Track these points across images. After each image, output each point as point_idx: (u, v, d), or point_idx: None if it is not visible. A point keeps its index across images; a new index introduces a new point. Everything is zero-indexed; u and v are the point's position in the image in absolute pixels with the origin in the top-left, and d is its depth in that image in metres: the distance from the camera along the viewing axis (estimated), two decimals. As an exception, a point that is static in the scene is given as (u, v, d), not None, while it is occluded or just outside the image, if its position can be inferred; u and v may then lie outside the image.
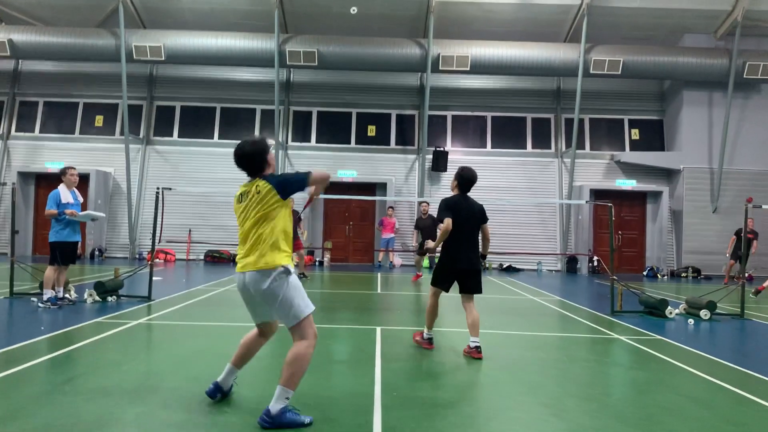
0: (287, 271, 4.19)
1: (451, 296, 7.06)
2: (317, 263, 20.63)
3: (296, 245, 14.83)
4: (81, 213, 9.28)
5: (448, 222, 6.51)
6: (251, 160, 4.32)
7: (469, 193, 7.02)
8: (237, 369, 4.66)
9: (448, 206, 6.66)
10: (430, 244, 7.26)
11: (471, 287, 6.62)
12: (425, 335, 6.89)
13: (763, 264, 19.66)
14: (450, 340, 7.53)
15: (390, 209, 19.53)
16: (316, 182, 4.33)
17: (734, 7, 19.28)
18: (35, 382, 4.97)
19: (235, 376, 4.69)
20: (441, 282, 6.74)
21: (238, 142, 4.44)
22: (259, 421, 4.05)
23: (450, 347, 7.01)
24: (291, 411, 4.09)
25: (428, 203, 15.70)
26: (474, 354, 6.31)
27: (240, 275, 4.27)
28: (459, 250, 6.57)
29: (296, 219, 14.75)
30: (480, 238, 6.84)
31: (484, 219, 6.82)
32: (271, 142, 21.21)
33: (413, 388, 5.08)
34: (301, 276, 14.37)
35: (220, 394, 4.56)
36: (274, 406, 4.04)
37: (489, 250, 7.09)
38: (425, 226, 15.07)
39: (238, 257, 4.33)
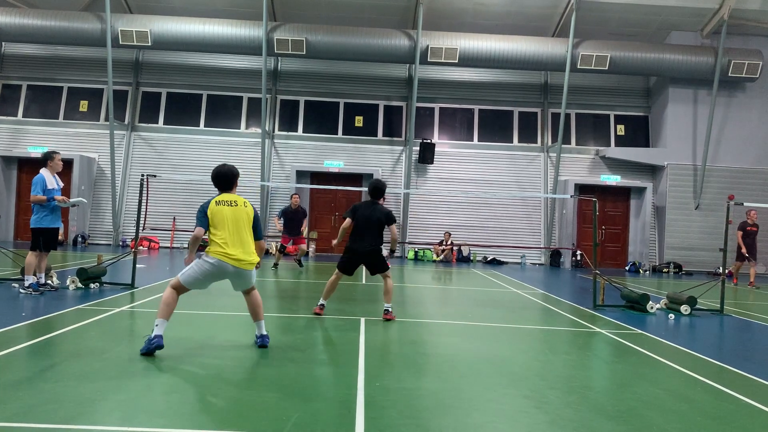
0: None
1: (433, 288, 7.08)
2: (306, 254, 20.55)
3: (299, 240, 15.06)
4: (71, 200, 9.22)
5: (346, 221, 8.21)
6: (234, 179, 6.24)
7: (378, 199, 8.50)
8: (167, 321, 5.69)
9: (353, 209, 8.31)
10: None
11: (373, 269, 8.34)
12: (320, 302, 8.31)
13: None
14: (433, 332, 7.57)
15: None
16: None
17: (721, 6, 19.42)
18: (16, 369, 4.93)
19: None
20: (343, 267, 8.25)
21: (222, 129, 4.98)
22: (263, 343, 5.92)
23: (433, 339, 7.04)
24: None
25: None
26: (386, 315, 7.98)
27: (230, 266, 5.74)
28: (355, 242, 8.18)
29: (302, 216, 14.79)
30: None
31: (389, 221, 8.31)
32: (257, 130, 21.13)
33: (396, 379, 5.10)
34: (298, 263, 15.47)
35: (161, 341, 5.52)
36: (264, 331, 6.01)
37: (469, 242, 8.03)
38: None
39: (233, 255, 5.75)
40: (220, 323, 7.42)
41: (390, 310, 8.08)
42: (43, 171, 8.98)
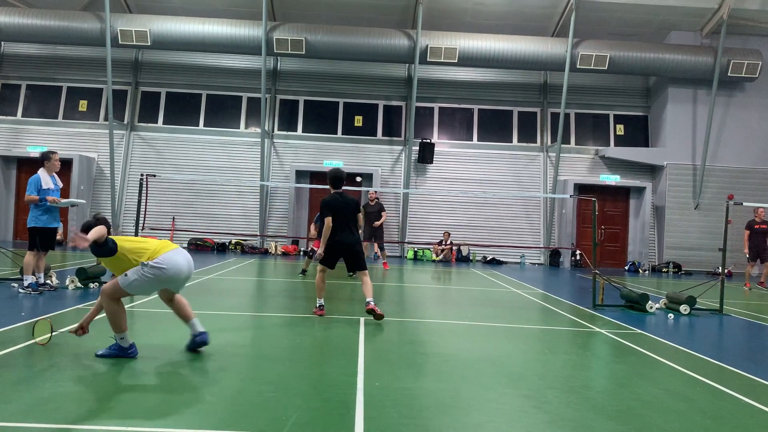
0: None
1: (432, 288, 7.07)
2: (301, 253, 20.59)
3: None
4: (63, 200, 9.20)
5: (328, 220, 8.01)
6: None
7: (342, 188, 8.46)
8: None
9: (327, 206, 8.07)
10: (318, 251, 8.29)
11: (354, 265, 8.28)
12: (318, 303, 8.15)
13: (743, 260, 19.91)
14: (432, 331, 7.57)
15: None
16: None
17: (720, 6, 19.43)
18: (15, 368, 4.93)
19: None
20: (327, 260, 8.14)
21: (222, 129, 4.88)
22: (203, 340, 5.67)
23: (432, 338, 7.04)
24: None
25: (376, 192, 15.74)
26: (369, 306, 7.79)
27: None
28: (338, 234, 8.01)
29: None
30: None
31: (358, 210, 8.35)
32: (257, 130, 21.13)
33: (396, 379, 5.10)
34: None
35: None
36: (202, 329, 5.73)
37: (469, 242, 8.01)
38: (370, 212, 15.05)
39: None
40: (219, 323, 7.42)
41: (373, 302, 7.87)
42: (40, 171, 8.97)
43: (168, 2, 20.33)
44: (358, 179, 18.17)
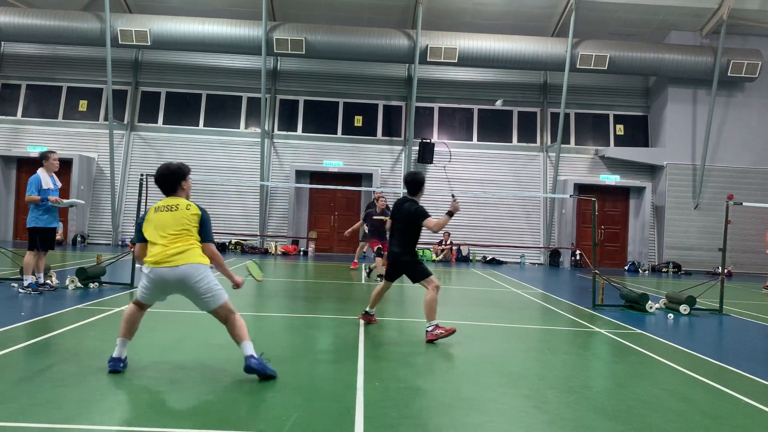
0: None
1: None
2: (302, 253, 20.60)
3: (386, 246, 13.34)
4: (65, 200, 9.20)
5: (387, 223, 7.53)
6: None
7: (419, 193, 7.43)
8: (128, 340, 5.01)
9: (395, 205, 7.44)
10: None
11: (410, 276, 7.17)
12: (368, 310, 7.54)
13: (742, 260, 19.96)
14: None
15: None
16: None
17: (720, 6, 19.42)
18: (15, 368, 4.93)
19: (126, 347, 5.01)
20: (388, 269, 7.34)
21: (222, 129, 4.71)
22: (249, 363, 4.77)
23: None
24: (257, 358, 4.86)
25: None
26: (428, 337, 6.66)
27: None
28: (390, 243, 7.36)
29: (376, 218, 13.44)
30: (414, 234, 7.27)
31: (412, 217, 7.07)
32: (257, 129, 21.12)
33: (396, 378, 5.10)
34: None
35: (122, 364, 4.89)
36: (251, 351, 4.84)
37: (469, 242, 7.77)
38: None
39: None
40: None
41: (429, 329, 6.68)
42: (40, 171, 8.96)
43: (168, 2, 20.32)
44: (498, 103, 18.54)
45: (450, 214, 7.03)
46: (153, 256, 4.78)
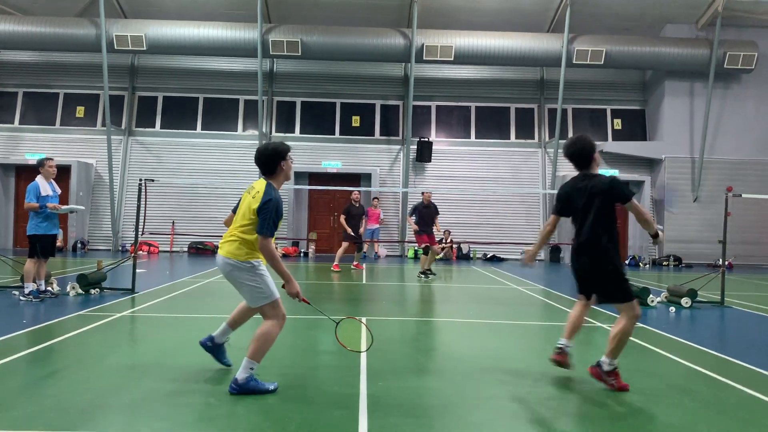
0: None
1: (433, 286, 7.07)
2: (302, 254, 20.60)
3: (432, 240, 13.81)
4: (63, 207, 9.20)
5: (550, 219, 5.42)
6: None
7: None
8: (231, 329, 5.18)
9: (557, 198, 5.39)
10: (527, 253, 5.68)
11: (598, 294, 5.10)
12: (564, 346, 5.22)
13: (743, 252, 19.95)
14: (434, 330, 7.57)
15: (375, 200, 19.51)
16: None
17: (715, -2, 19.44)
18: (18, 375, 4.93)
19: (228, 336, 5.22)
20: (578, 282, 5.28)
21: (219, 132, 4.60)
22: (228, 388, 4.50)
23: (434, 337, 7.04)
24: (255, 380, 4.54)
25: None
26: (593, 371, 4.96)
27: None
28: (575, 246, 5.12)
29: (434, 213, 13.82)
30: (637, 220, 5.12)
31: (617, 198, 4.92)
32: (254, 132, 21.10)
33: (399, 378, 5.10)
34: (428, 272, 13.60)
35: (210, 343, 5.15)
36: (241, 375, 4.50)
37: (469, 240, 6.92)
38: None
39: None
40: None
41: (605, 366, 4.93)
42: (38, 178, 8.97)
43: (162, 6, 20.32)
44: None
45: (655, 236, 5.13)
46: None
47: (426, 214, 13.82)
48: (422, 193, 14.29)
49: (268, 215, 4.47)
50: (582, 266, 5.06)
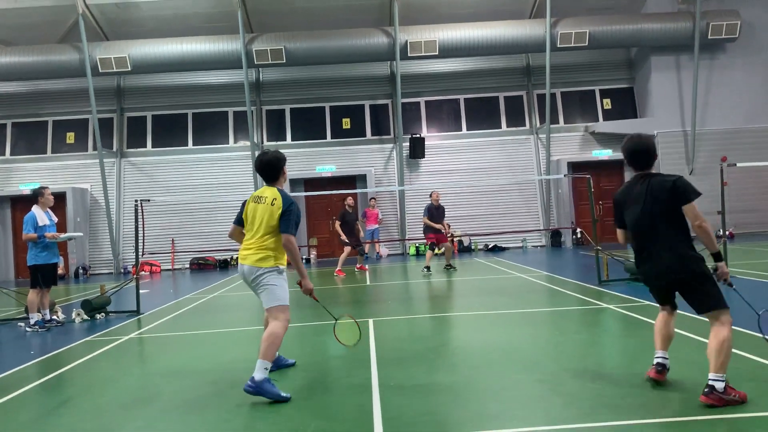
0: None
1: (437, 281, 7.07)
2: (304, 261, 20.56)
3: (442, 238, 14.33)
4: (62, 235, 9.21)
5: (619, 232, 4.88)
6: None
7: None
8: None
9: (614, 203, 4.86)
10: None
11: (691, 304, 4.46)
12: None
13: (743, 220, 19.96)
14: (441, 325, 7.57)
15: (372, 200, 19.54)
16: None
17: (694, -31, 19.44)
18: (30, 408, 4.93)
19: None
20: (653, 294, 4.94)
21: (211, 146, 4.70)
22: (244, 387, 4.64)
23: (442, 332, 7.04)
24: (270, 382, 4.70)
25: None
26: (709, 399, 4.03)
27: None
28: (641, 252, 4.70)
29: (442, 213, 14.40)
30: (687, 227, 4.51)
31: (679, 199, 4.39)
32: (246, 143, 21.09)
33: (410, 376, 5.10)
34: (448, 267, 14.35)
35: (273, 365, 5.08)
36: (258, 375, 4.67)
37: (469, 232, 6.86)
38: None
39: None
40: (230, 338, 7.41)
41: (716, 386, 4.06)
42: (35, 208, 8.97)
43: (144, 25, 20.26)
44: None
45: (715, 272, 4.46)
46: (241, 247, 5.11)
47: (437, 214, 14.36)
48: (431, 194, 14.63)
49: (292, 217, 4.92)
50: (658, 279, 4.67)
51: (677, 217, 4.39)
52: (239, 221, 5.29)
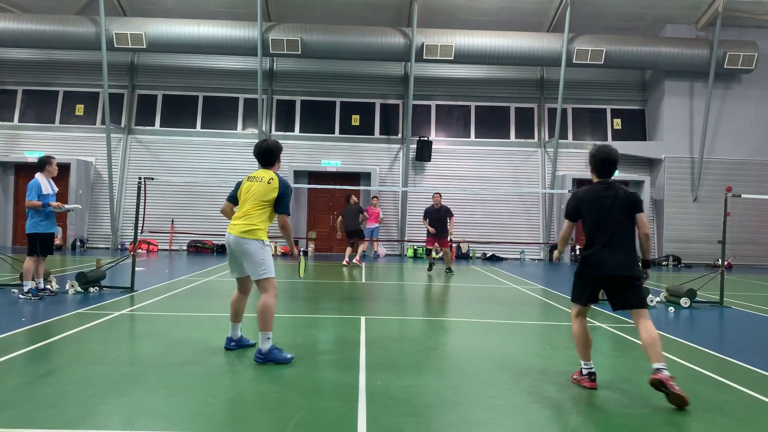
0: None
1: (432, 286, 7.07)
2: (301, 253, 20.55)
3: (444, 243, 14.88)
4: (67, 205, 9.24)
5: (565, 226, 5.32)
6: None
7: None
8: (238, 324, 5.87)
9: (571, 202, 5.30)
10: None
11: (624, 300, 5.03)
12: (583, 370, 5.07)
13: (742, 252, 19.96)
14: (433, 329, 7.57)
15: (374, 199, 19.51)
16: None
17: (715, -2, 19.42)
18: (16, 374, 4.93)
19: (239, 328, 5.92)
20: (578, 294, 5.23)
21: (219, 130, 4.89)
22: (254, 358, 5.30)
23: (433, 336, 7.04)
24: (277, 349, 5.36)
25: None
26: (657, 375, 4.55)
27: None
28: (592, 247, 5.07)
29: (445, 215, 14.69)
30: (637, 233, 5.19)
31: (637, 208, 5.11)
32: (254, 131, 21.11)
33: (398, 377, 5.10)
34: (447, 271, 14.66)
35: (234, 343, 5.85)
36: (264, 346, 5.29)
37: (468, 239, 7.08)
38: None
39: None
40: (221, 325, 7.40)
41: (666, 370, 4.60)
42: (38, 176, 8.97)
43: (162, 4, 20.29)
44: None
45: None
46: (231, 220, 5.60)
47: (436, 218, 14.51)
48: (432, 195, 14.79)
49: (287, 198, 5.50)
50: (613, 271, 4.97)
51: (631, 224, 5.11)
52: (233, 199, 5.80)
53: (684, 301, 9.84)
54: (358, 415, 4.10)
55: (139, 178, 10.46)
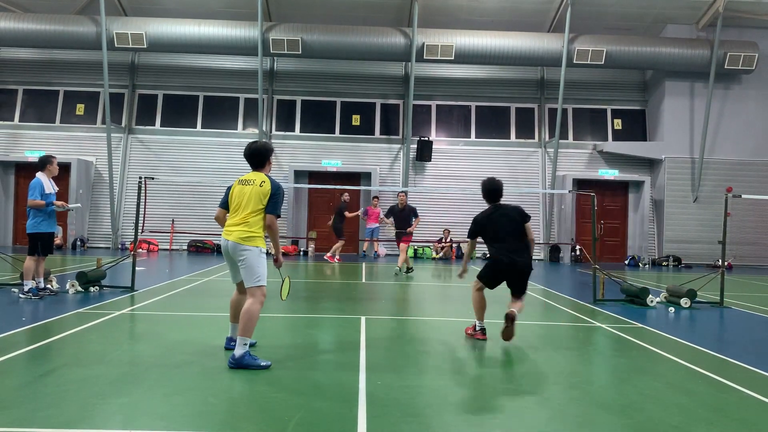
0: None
1: (433, 286, 7.06)
2: (302, 253, 20.59)
3: (405, 239, 14.60)
4: (69, 205, 9.25)
5: (468, 244, 7.46)
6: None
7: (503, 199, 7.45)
8: (237, 324, 5.57)
9: (474, 223, 7.14)
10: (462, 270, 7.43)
11: (520, 286, 7.21)
12: (477, 326, 7.01)
13: (741, 252, 19.96)
14: (433, 329, 7.57)
15: (375, 199, 19.49)
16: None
17: (716, -2, 19.42)
18: (16, 374, 4.93)
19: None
20: (487, 280, 7.21)
21: (220, 130, 4.87)
22: (228, 363, 5.19)
23: (433, 336, 7.04)
24: (250, 356, 5.22)
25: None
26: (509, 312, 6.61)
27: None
28: (499, 254, 7.00)
29: (408, 214, 14.75)
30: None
31: (524, 219, 7.23)
32: (254, 130, 21.12)
33: (398, 377, 5.10)
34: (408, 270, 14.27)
35: (234, 344, 5.55)
36: (238, 351, 5.18)
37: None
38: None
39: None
40: (221, 324, 7.40)
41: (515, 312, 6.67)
42: (40, 175, 8.97)
43: (163, 4, 20.29)
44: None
45: None
46: (225, 225, 5.55)
47: (400, 217, 14.62)
48: (398, 194, 15.00)
49: (279, 199, 5.47)
50: (517, 266, 7.02)
51: (523, 232, 7.09)
52: (224, 205, 5.71)
53: (684, 302, 9.84)
54: (358, 415, 4.10)
55: (140, 178, 10.46)
